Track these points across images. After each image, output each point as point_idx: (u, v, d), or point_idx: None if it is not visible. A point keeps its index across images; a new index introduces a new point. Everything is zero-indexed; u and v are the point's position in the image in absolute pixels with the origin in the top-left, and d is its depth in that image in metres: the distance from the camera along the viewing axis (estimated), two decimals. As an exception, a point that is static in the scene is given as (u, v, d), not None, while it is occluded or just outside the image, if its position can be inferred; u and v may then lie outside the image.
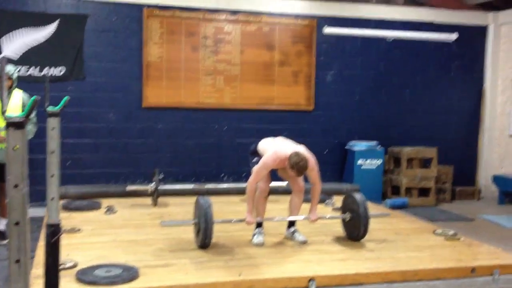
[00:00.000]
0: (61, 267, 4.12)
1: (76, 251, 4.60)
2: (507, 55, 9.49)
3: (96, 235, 5.27)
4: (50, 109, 3.28)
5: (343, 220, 5.25)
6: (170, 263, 4.32)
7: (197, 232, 4.80)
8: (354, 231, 5.08)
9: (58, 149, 3.30)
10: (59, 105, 3.67)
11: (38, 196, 7.59)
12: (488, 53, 9.62)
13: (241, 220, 4.96)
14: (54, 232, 3.13)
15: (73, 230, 5.34)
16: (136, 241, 5.03)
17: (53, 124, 3.30)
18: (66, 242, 4.87)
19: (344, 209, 5.28)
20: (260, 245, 4.93)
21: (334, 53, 8.81)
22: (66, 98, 3.63)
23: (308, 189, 5.13)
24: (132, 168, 8.08)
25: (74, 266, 4.15)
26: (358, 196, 5.12)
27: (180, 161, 8.27)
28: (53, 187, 3.30)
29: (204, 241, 4.67)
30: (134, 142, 8.09)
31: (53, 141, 3.32)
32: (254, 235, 5.06)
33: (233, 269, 4.16)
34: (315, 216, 5.08)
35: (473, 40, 9.53)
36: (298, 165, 4.65)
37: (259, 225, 5.12)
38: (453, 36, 9.27)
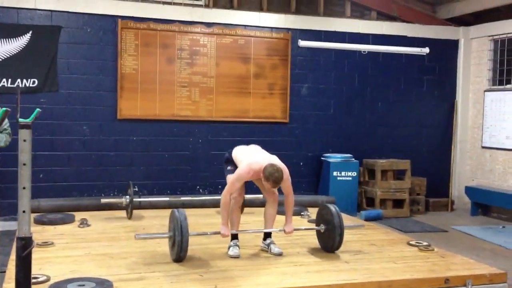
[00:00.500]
0: (33, 281, 4.06)
1: (49, 265, 4.53)
2: (478, 68, 9.68)
3: (69, 248, 5.19)
4: (22, 120, 3.23)
5: (318, 232, 5.25)
6: (145, 277, 4.27)
7: (172, 245, 4.75)
8: (329, 242, 5.09)
9: (29, 162, 3.24)
10: (31, 117, 3.62)
11: (11, 209, 7.49)
12: (459, 66, 9.81)
13: (217, 233, 4.94)
14: (25, 245, 3.07)
15: (46, 244, 5.24)
16: (110, 254, 4.96)
17: (24, 136, 3.23)
18: (38, 256, 4.81)
19: (318, 220, 5.29)
20: (236, 257, 4.91)
21: (309, 66, 8.89)
22: (37, 110, 3.58)
23: (281, 201, 5.12)
24: (106, 181, 7.99)
25: (47, 280, 4.07)
26: (332, 208, 5.13)
27: (155, 173, 8.21)
28: (24, 199, 3.24)
29: (179, 254, 4.62)
30: (108, 154, 8.01)
31: (25, 153, 3.26)
32: (229, 247, 5.03)
33: (208, 282, 4.13)
34: (291, 229, 5.08)
35: (444, 54, 9.71)
36: (273, 177, 4.64)
37: (234, 237, 5.10)
38: (426, 50, 9.42)
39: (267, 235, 5.22)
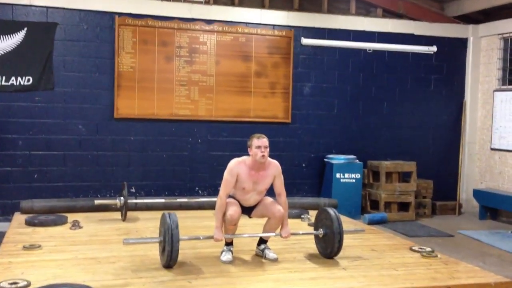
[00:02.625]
0: (12, 286, 3.88)
1: (32, 269, 4.37)
2: (487, 67, 9.40)
3: (56, 251, 5.02)
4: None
5: (317, 237, 5.03)
6: (130, 283, 4.09)
7: (162, 250, 4.56)
8: (328, 248, 4.87)
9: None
10: None
11: (5, 209, 7.36)
12: (468, 66, 9.53)
13: (210, 237, 4.73)
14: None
15: (33, 247, 5.07)
16: (98, 258, 4.79)
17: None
18: (23, 259, 4.67)
19: (317, 225, 5.06)
20: (228, 262, 4.72)
21: (312, 64, 8.65)
22: None
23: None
24: (102, 181, 7.81)
25: (27, 285, 3.92)
26: (332, 212, 4.90)
27: (153, 174, 8.02)
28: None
29: (169, 262, 4.43)
30: (105, 154, 7.82)
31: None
32: (222, 251, 4.84)
33: (196, 289, 3.94)
34: (287, 233, 4.86)
35: (453, 53, 9.43)
36: (256, 135, 4.70)
37: (229, 242, 4.89)
38: (433, 49, 9.18)
39: (262, 241, 5.01)
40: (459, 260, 5.15)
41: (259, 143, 4.64)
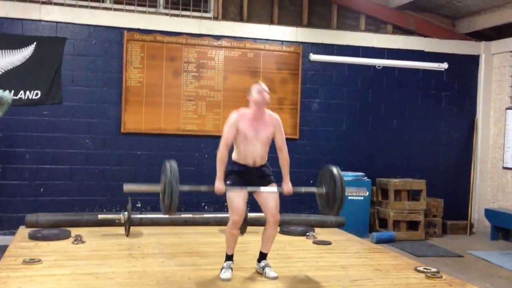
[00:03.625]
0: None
1: (29, 284, 4.35)
2: (500, 85, 9.27)
3: (56, 266, 4.98)
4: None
5: (319, 195, 5.00)
6: (125, 300, 4.03)
7: (162, 199, 4.60)
8: (328, 206, 4.86)
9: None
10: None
11: (11, 223, 7.36)
12: (480, 83, 9.41)
13: (211, 189, 4.77)
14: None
15: (33, 261, 5.04)
16: (96, 274, 4.74)
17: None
18: (22, 274, 4.65)
19: (320, 181, 5.02)
20: (227, 280, 4.64)
21: (320, 80, 8.60)
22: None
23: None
24: (108, 196, 7.79)
25: (22, 301, 3.86)
26: (334, 169, 4.83)
27: (159, 189, 7.97)
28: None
29: (168, 212, 4.53)
30: (112, 169, 7.81)
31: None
32: (222, 268, 4.77)
33: (191, 308, 3.87)
34: (289, 188, 4.81)
35: (464, 70, 9.33)
36: (256, 82, 4.76)
37: (228, 258, 4.83)
38: (444, 65, 9.08)
39: (262, 257, 4.93)
40: (465, 282, 5.02)
41: (259, 87, 4.68)
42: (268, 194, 4.75)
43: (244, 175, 4.77)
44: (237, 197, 4.73)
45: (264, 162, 4.84)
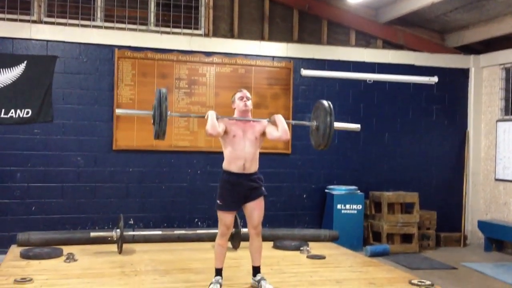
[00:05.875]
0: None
1: (20, 304, 4.28)
2: (490, 98, 9.34)
3: (48, 285, 4.94)
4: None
5: (311, 129, 5.12)
6: (117, 318, 3.98)
7: (153, 123, 4.72)
8: (318, 140, 4.98)
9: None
10: None
11: (2, 242, 7.27)
12: (470, 96, 9.47)
13: (201, 116, 5.02)
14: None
15: (24, 280, 4.99)
16: (87, 292, 4.70)
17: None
18: (11, 294, 4.58)
19: (313, 116, 5.14)
20: (216, 295, 4.61)
21: (312, 95, 8.63)
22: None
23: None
24: (100, 213, 7.75)
25: (12, 320, 3.81)
26: (325, 104, 4.94)
27: (152, 206, 7.95)
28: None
29: (158, 136, 4.65)
30: (103, 186, 7.78)
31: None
32: (210, 284, 4.73)
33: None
34: (279, 116, 4.91)
35: (454, 83, 9.40)
36: (240, 90, 4.97)
37: (217, 273, 4.81)
38: (434, 79, 9.14)
39: (256, 271, 4.91)
40: (459, 294, 5.01)
41: (241, 94, 4.94)
42: (254, 207, 4.78)
43: (235, 188, 4.75)
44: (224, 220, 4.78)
45: (256, 169, 4.83)
